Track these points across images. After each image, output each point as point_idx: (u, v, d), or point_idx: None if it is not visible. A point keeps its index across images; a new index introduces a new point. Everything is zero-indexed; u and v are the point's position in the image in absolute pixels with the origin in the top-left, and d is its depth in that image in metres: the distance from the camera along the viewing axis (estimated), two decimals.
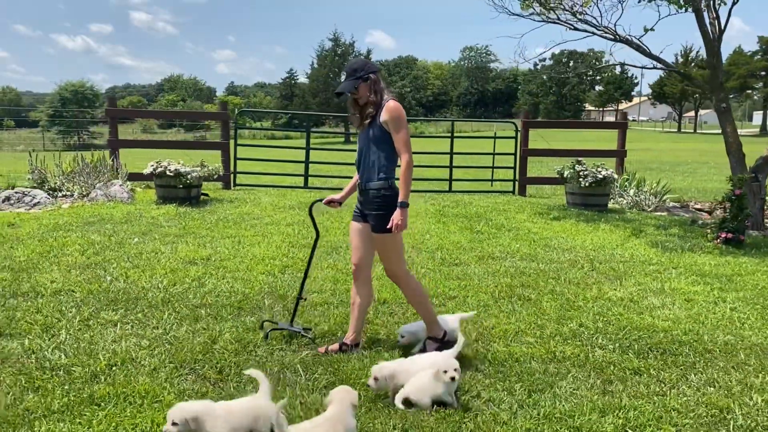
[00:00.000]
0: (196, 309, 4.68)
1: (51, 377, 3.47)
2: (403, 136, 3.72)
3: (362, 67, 3.80)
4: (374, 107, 3.77)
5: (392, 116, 3.70)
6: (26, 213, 8.40)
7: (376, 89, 3.77)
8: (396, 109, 3.71)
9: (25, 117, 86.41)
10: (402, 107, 3.74)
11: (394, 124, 3.70)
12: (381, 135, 3.75)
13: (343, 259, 6.30)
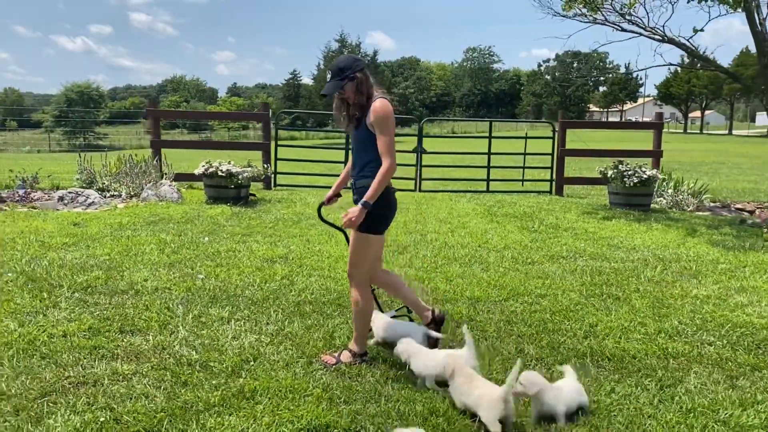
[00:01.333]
0: (299, 306, 4.75)
1: (192, 372, 3.54)
2: (386, 139, 3.51)
3: (349, 66, 3.58)
4: (360, 108, 3.60)
5: (376, 118, 3.51)
6: (85, 213, 8.46)
7: (361, 89, 3.58)
8: (381, 110, 3.51)
9: (27, 118, 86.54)
10: (390, 107, 3.54)
11: (379, 126, 3.51)
12: (368, 137, 3.58)
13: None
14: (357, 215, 3.52)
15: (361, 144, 3.64)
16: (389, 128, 3.54)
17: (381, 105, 3.53)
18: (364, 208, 3.52)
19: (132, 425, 2.93)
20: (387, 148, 3.52)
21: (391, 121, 3.54)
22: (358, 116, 3.61)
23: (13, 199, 9.57)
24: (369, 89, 3.60)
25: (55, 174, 11.97)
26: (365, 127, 3.59)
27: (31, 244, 6.46)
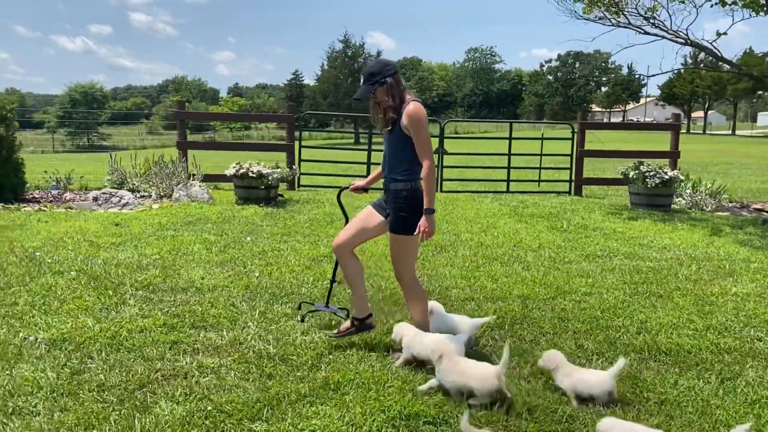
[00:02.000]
0: (346, 304, 4.91)
1: (275, 365, 3.71)
2: (423, 140, 3.66)
3: (379, 71, 3.70)
4: (393, 111, 3.70)
5: (411, 120, 3.63)
6: (123, 213, 8.62)
7: (393, 93, 3.69)
8: (415, 113, 3.63)
9: (29, 118, 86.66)
10: (423, 110, 3.67)
11: (414, 129, 3.63)
12: (403, 139, 3.69)
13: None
14: (429, 225, 3.66)
15: (393, 146, 3.76)
16: (424, 130, 3.66)
17: (414, 108, 3.64)
18: (430, 216, 3.66)
19: (234, 414, 3.10)
20: (424, 148, 3.67)
21: (425, 122, 3.66)
22: (391, 119, 3.72)
23: (46, 200, 9.73)
24: (401, 93, 3.72)
25: (76, 174, 12.10)
26: (399, 129, 3.69)
27: (80, 244, 6.63)
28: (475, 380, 3.24)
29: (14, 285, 5.11)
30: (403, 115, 3.65)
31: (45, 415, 3.06)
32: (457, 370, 3.32)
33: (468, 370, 3.30)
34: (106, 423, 2.99)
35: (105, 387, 3.37)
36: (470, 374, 3.27)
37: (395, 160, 3.75)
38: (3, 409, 3.11)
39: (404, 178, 3.72)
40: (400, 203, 3.74)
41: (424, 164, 3.64)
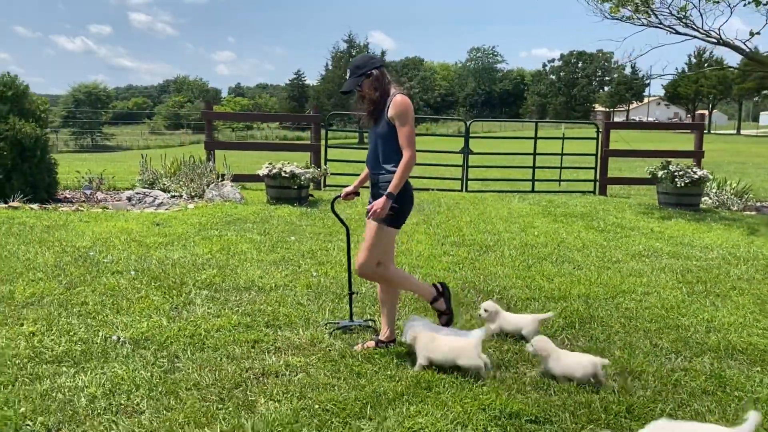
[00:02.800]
0: (422, 302, 4.93)
1: (361, 364, 3.72)
2: (407, 131, 3.66)
3: (365, 64, 3.75)
4: (375, 105, 3.74)
5: (397, 111, 3.65)
6: (161, 213, 8.63)
7: (377, 86, 3.72)
8: (402, 104, 3.65)
9: None
10: (409, 102, 3.70)
11: (400, 120, 3.65)
12: (388, 131, 3.71)
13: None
14: (382, 206, 3.65)
15: (381, 139, 3.76)
16: (409, 121, 3.67)
17: (401, 99, 3.67)
18: (388, 199, 3.65)
19: (339, 413, 3.12)
20: (408, 140, 3.66)
21: (411, 115, 3.68)
22: (376, 111, 3.75)
23: (78, 200, 9.74)
24: (386, 86, 3.74)
25: (107, 174, 12.10)
26: (385, 121, 3.71)
27: (129, 244, 6.64)
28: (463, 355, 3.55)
29: (78, 285, 5.12)
30: (390, 106, 3.68)
31: (152, 413, 3.08)
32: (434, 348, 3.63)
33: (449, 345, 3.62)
34: (216, 421, 3.00)
35: (201, 386, 3.39)
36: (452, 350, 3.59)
37: (383, 153, 3.76)
38: (108, 407, 3.13)
39: (391, 170, 3.71)
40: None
41: (405, 154, 3.66)
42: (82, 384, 3.34)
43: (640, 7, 10.34)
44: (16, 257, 5.93)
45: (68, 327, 4.18)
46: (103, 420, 3.00)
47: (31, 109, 9.51)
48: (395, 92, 3.72)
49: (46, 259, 5.90)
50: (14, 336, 3.99)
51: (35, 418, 2.98)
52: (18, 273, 5.40)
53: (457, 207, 9.93)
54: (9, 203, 8.76)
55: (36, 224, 7.52)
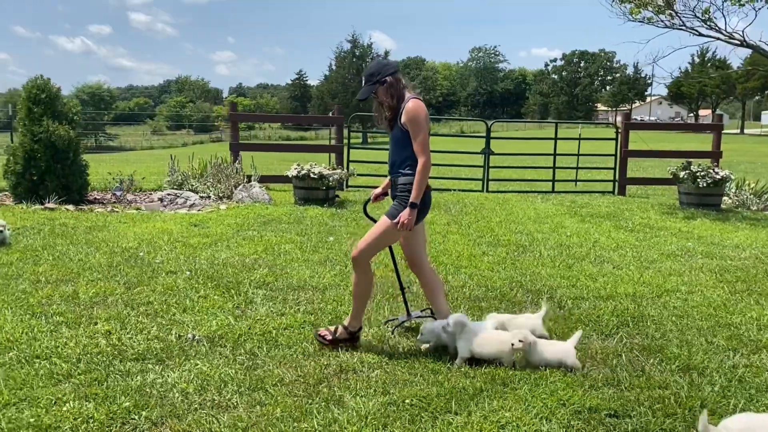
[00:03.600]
0: (476, 301, 5.05)
1: (434, 360, 3.84)
2: (421, 138, 3.74)
3: (379, 71, 3.82)
4: (392, 110, 3.82)
5: (409, 118, 3.73)
6: (195, 214, 8.75)
7: (392, 93, 3.80)
8: (413, 111, 3.73)
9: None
10: (422, 107, 3.76)
11: (412, 126, 3.73)
12: (403, 136, 3.79)
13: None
14: (408, 217, 3.77)
15: (396, 143, 3.87)
16: (422, 127, 3.75)
17: (413, 105, 3.75)
18: (412, 210, 3.77)
19: (425, 407, 3.24)
20: (421, 147, 3.75)
21: (424, 120, 3.75)
22: (391, 117, 3.85)
23: (108, 201, 9.86)
24: (400, 92, 3.83)
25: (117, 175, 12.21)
26: (399, 127, 3.80)
27: (174, 244, 6.76)
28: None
29: (136, 285, 5.24)
30: (403, 112, 3.76)
31: (246, 409, 3.19)
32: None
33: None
34: (311, 416, 3.12)
35: (285, 382, 3.51)
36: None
37: (399, 157, 3.86)
38: (203, 402, 3.24)
39: (408, 173, 3.82)
40: (405, 194, 3.83)
41: (420, 160, 3.74)
42: (171, 380, 3.46)
43: (662, 9, 10.46)
44: (68, 258, 6.05)
45: (141, 326, 4.30)
46: (202, 414, 3.12)
47: (63, 111, 9.63)
48: (409, 97, 3.79)
49: (98, 259, 6.02)
50: (92, 334, 4.11)
51: (138, 412, 3.10)
52: (75, 273, 5.52)
53: (483, 207, 10.05)
54: (45, 204, 8.88)
55: (77, 225, 7.64)
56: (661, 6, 10.41)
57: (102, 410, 3.09)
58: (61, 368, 3.57)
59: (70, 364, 3.64)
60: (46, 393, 3.26)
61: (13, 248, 6.34)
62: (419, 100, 3.78)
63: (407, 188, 3.81)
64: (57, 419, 3.00)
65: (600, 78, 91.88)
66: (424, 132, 3.76)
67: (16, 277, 5.37)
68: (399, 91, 3.83)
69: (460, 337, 3.83)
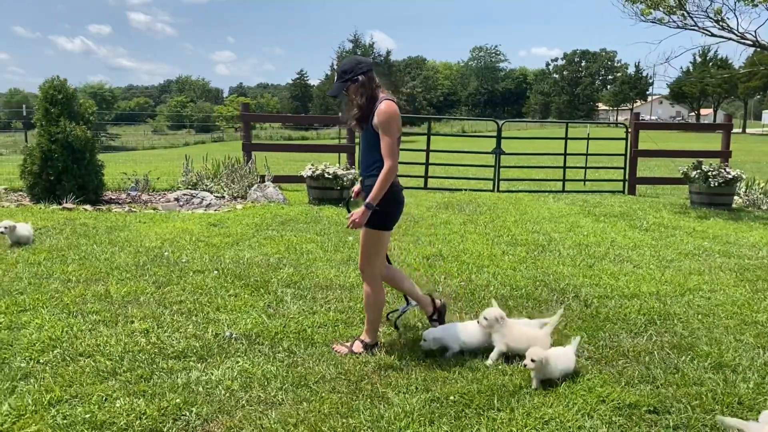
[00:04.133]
0: (505, 300, 5.11)
1: (470, 358, 3.89)
2: (388, 141, 3.62)
3: (352, 69, 3.70)
4: (361, 110, 3.70)
5: (381, 120, 3.62)
6: (212, 214, 8.80)
7: (363, 92, 3.68)
8: (386, 113, 3.62)
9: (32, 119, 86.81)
10: (395, 110, 3.64)
11: (383, 129, 3.62)
12: (374, 138, 3.69)
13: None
14: (360, 216, 3.69)
15: (367, 145, 3.77)
16: (392, 130, 3.63)
17: (386, 107, 3.63)
18: (367, 210, 3.69)
19: (468, 403, 3.30)
20: (389, 150, 3.63)
21: (395, 123, 3.64)
22: (361, 117, 3.72)
23: (124, 201, 9.91)
24: (372, 91, 3.70)
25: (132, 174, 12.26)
26: (371, 128, 3.69)
27: (197, 244, 6.82)
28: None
29: (166, 284, 5.30)
30: (375, 113, 3.66)
31: (293, 405, 3.25)
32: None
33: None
34: (358, 412, 3.18)
35: (326, 379, 3.57)
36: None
37: (369, 159, 3.78)
38: (249, 399, 3.30)
39: (376, 174, 3.69)
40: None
41: (386, 163, 3.63)
42: (215, 378, 3.52)
43: (673, 10, 10.52)
44: (94, 257, 6.11)
45: (177, 324, 4.36)
46: (251, 411, 3.18)
47: (79, 112, 9.68)
48: (383, 97, 3.69)
49: (124, 259, 6.07)
50: (130, 333, 4.17)
51: (189, 408, 3.16)
52: (104, 273, 5.57)
53: (497, 207, 10.10)
54: (63, 204, 8.94)
55: (97, 225, 7.70)
56: (673, 6, 10.46)
57: (153, 406, 3.15)
58: (105, 366, 3.63)
59: (114, 361, 3.70)
60: (96, 390, 3.32)
61: (38, 248, 6.39)
62: (393, 102, 3.67)
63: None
64: (111, 415, 3.06)
65: (601, 77, 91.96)
66: (394, 136, 3.65)
67: (47, 276, 5.42)
68: (372, 90, 3.71)
69: (497, 331, 3.89)
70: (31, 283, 5.21)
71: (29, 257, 6.02)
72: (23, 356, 3.73)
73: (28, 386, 3.35)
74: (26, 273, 5.49)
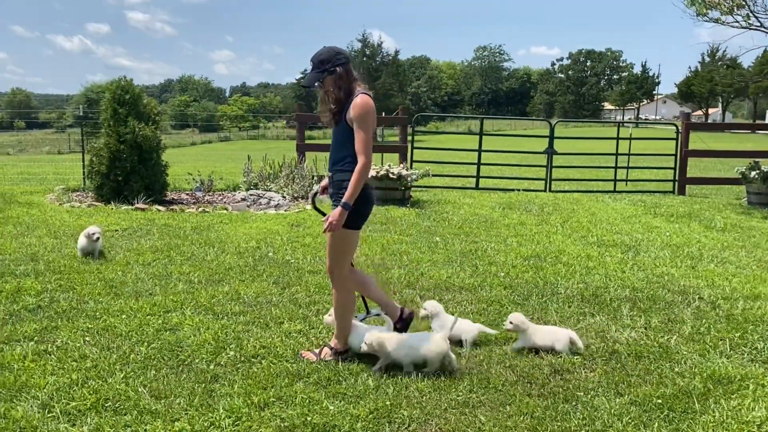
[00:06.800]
0: (635, 302, 5.10)
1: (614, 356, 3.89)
2: (363, 136, 3.49)
3: (329, 59, 3.55)
4: (338, 104, 3.56)
5: (357, 114, 3.48)
6: (285, 214, 8.77)
7: (340, 85, 3.53)
8: (362, 107, 3.49)
9: (35, 119, 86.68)
10: (371, 104, 3.53)
11: (357, 122, 3.49)
12: (348, 131, 3.54)
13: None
14: (338, 218, 3.51)
15: (339, 139, 3.62)
16: (368, 125, 3.51)
17: (363, 101, 3.50)
18: (344, 210, 3.50)
19: (670, 405, 3.28)
20: (363, 146, 3.49)
21: (371, 119, 3.53)
22: (337, 111, 3.58)
23: (188, 201, 9.88)
24: (349, 84, 3.56)
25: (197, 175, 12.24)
26: (345, 121, 3.56)
27: (291, 244, 6.80)
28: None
29: (288, 285, 5.29)
30: (350, 107, 3.52)
31: (495, 407, 3.24)
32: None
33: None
34: (569, 415, 3.17)
35: (510, 382, 3.55)
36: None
37: (339, 153, 3.62)
38: (449, 402, 3.29)
39: (347, 169, 3.54)
40: (341, 195, 3.55)
41: (360, 160, 3.49)
42: (404, 380, 3.50)
43: (730, 10, 10.53)
44: (201, 258, 6.09)
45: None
46: (455, 413, 3.16)
47: (145, 112, 9.66)
48: (359, 92, 3.55)
49: (230, 260, 6.05)
50: (287, 334, 4.16)
51: (396, 410, 3.14)
52: (221, 274, 5.56)
53: (560, 207, 10.08)
54: (135, 205, 8.91)
55: (180, 226, 7.68)
56: (731, 6, 10.47)
57: (361, 408, 3.14)
58: (285, 368, 3.61)
59: (291, 363, 3.68)
60: (291, 391, 3.31)
61: (140, 248, 6.38)
62: (369, 97, 3.55)
63: (344, 186, 3.53)
64: (325, 417, 3.05)
65: (606, 77, 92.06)
66: (369, 131, 3.53)
67: (166, 276, 5.42)
68: (349, 83, 3.56)
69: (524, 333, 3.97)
70: (156, 284, 5.19)
71: (137, 258, 6.00)
72: (200, 358, 3.71)
73: (224, 388, 3.33)
74: (144, 274, 5.48)
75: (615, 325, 4.54)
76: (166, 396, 3.21)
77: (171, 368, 3.57)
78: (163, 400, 3.17)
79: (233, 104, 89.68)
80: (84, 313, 4.45)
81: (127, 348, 3.82)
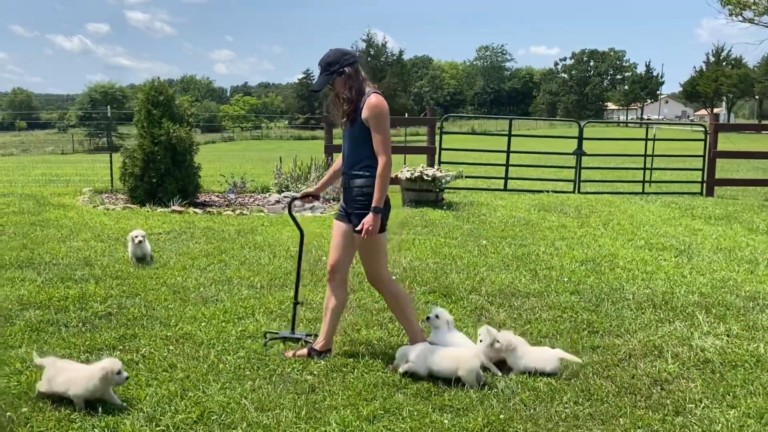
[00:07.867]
0: (709, 308, 5.01)
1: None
2: (382, 135, 3.46)
3: (337, 61, 3.50)
4: (351, 104, 3.50)
5: (373, 113, 3.45)
6: (324, 216, 8.69)
7: (351, 85, 3.49)
8: (377, 106, 3.45)
9: (36, 119, 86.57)
10: (385, 103, 3.49)
11: (375, 122, 3.45)
12: (362, 133, 3.50)
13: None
14: (373, 224, 3.43)
15: (354, 141, 3.56)
16: (385, 124, 3.48)
17: (376, 100, 3.47)
18: (377, 215, 3.44)
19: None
20: (383, 145, 3.47)
21: (387, 117, 3.49)
22: (350, 111, 3.52)
23: (221, 203, 9.80)
24: (359, 84, 3.52)
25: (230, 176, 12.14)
26: (359, 122, 3.50)
27: None
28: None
29: (351, 290, 5.18)
30: (364, 107, 3.48)
31: (619, 413, 3.16)
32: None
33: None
34: (659, 422, 3.09)
35: (611, 392, 3.47)
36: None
37: (356, 153, 3.55)
38: (551, 414, 3.20)
39: (364, 175, 3.50)
40: (362, 201, 3.50)
41: (380, 160, 3.46)
42: (500, 385, 3.42)
43: (765, 10, 10.46)
44: (256, 262, 6.02)
45: None
46: (577, 424, 3.08)
47: (178, 113, 9.57)
48: (370, 91, 3.52)
49: (285, 265, 5.97)
50: (372, 340, 4.07)
51: (510, 423, 3.06)
52: (280, 278, 5.49)
53: (596, 209, 9.99)
54: (172, 207, 8.83)
55: (222, 229, 7.59)
56: (766, 6, 10.39)
57: (477, 422, 3.05)
58: (383, 378, 3.52)
59: (388, 375, 3.59)
60: (396, 402, 3.22)
61: (192, 252, 6.30)
62: (380, 95, 3.50)
63: (363, 192, 3.49)
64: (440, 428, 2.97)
65: (610, 77, 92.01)
66: (386, 130, 3.49)
67: (226, 281, 5.36)
68: (359, 83, 3.52)
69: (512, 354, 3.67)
70: (219, 289, 5.12)
71: (192, 262, 5.92)
72: (291, 368, 3.63)
73: (327, 400, 3.24)
74: (204, 279, 5.40)
75: (696, 332, 4.46)
76: (270, 408, 3.12)
77: (264, 378, 3.48)
78: (268, 413, 3.08)
79: (235, 104, 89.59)
80: (157, 320, 4.36)
81: (214, 357, 3.73)
